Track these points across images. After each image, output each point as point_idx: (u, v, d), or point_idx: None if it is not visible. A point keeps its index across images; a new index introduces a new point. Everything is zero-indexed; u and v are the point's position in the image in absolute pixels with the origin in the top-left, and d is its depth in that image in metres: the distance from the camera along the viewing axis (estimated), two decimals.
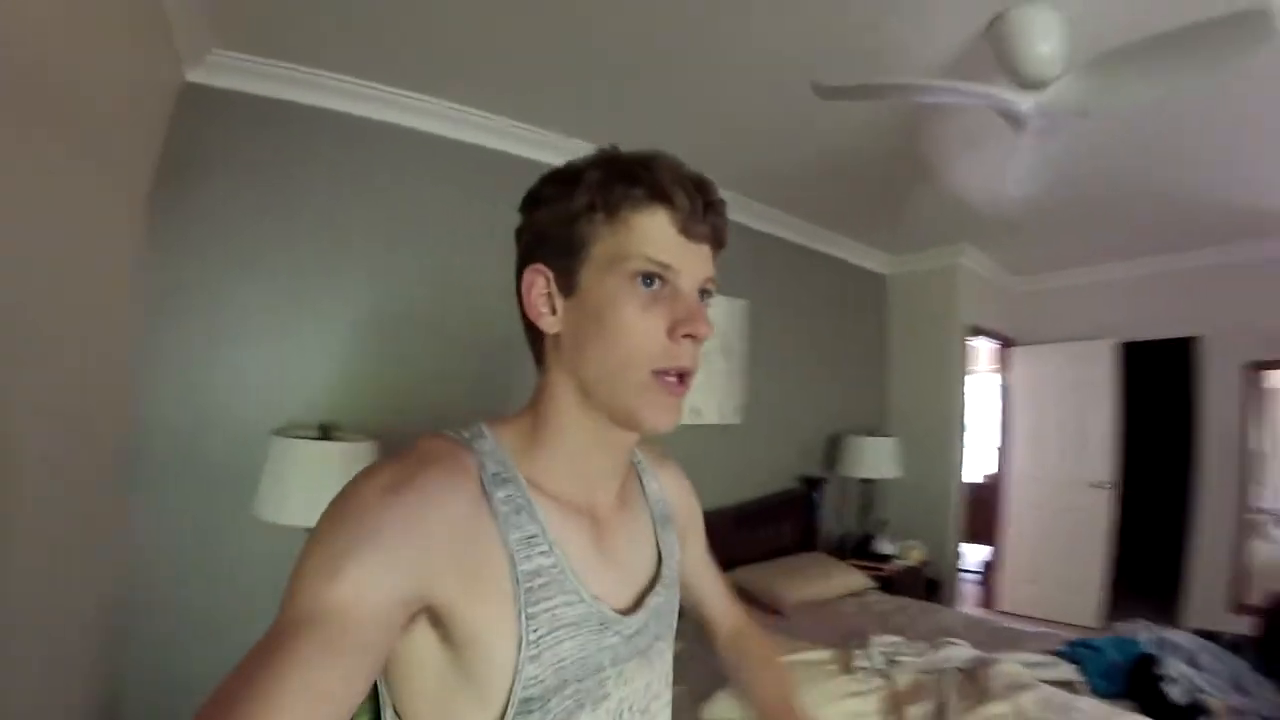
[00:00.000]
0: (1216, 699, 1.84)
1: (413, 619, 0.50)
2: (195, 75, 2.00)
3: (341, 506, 0.49)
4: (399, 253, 2.37)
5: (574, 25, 1.92)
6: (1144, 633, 2.27)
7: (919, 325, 4.29)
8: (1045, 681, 1.95)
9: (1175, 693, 1.86)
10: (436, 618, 0.51)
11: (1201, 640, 2.20)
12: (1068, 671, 2.06)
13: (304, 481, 1.74)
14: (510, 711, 0.52)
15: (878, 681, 1.93)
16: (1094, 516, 4.22)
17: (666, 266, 0.59)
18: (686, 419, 2.82)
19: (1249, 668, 2.06)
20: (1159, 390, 4.92)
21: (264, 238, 2.10)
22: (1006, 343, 4.66)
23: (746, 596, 2.78)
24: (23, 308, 1.11)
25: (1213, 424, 3.95)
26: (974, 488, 5.15)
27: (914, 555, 3.62)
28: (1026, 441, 4.59)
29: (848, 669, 1.98)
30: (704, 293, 0.63)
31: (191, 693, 1.87)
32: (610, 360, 0.59)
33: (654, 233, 0.59)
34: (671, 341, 0.59)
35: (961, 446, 4.13)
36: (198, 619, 1.91)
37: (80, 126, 1.28)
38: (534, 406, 0.65)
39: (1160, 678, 1.91)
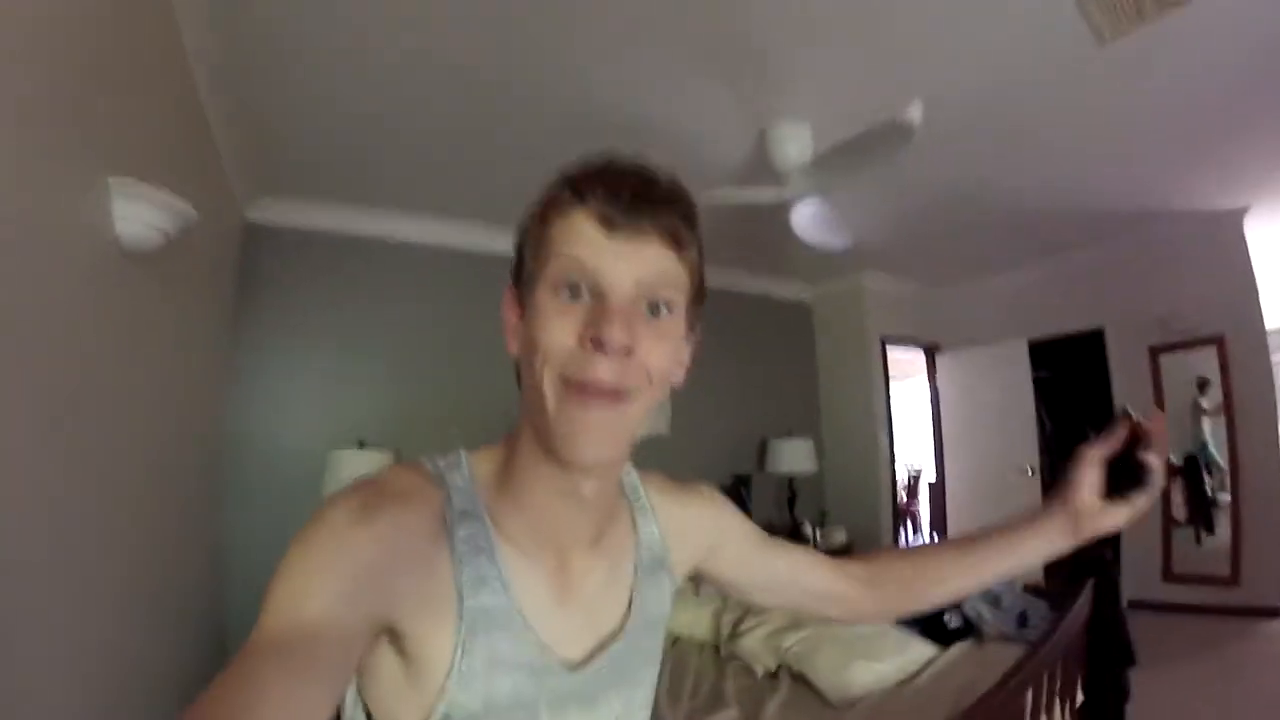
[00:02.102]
0: (993, 625, 2.39)
1: (376, 636, 0.53)
2: (252, 214, 3.04)
3: (313, 533, 0.50)
4: (408, 333, 3.41)
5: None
6: None
7: (839, 341, 5.00)
8: None
9: (951, 619, 2.44)
10: (393, 634, 0.54)
11: (1010, 585, 2.68)
12: None
13: (352, 476, 2.81)
14: None
15: (715, 605, 2.73)
16: (1028, 500, 4.70)
17: (581, 263, 0.53)
18: None
19: (1047, 607, 2.50)
20: (1076, 379, 5.27)
21: (317, 324, 3.17)
22: (932, 350, 5.26)
23: None
24: (150, 383, 1.88)
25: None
26: (931, 485, 5.72)
27: (835, 539, 4.26)
28: (961, 438, 5.12)
29: (695, 594, 2.80)
30: (655, 306, 0.55)
31: None
32: (528, 374, 0.55)
33: (572, 233, 0.53)
34: (580, 348, 0.52)
35: (889, 443, 4.74)
36: None
37: (188, 270, 2.13)
38: (510, 437, 0.63)
39: (950, 609, 2.45)
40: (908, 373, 6.19)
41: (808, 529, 4.30)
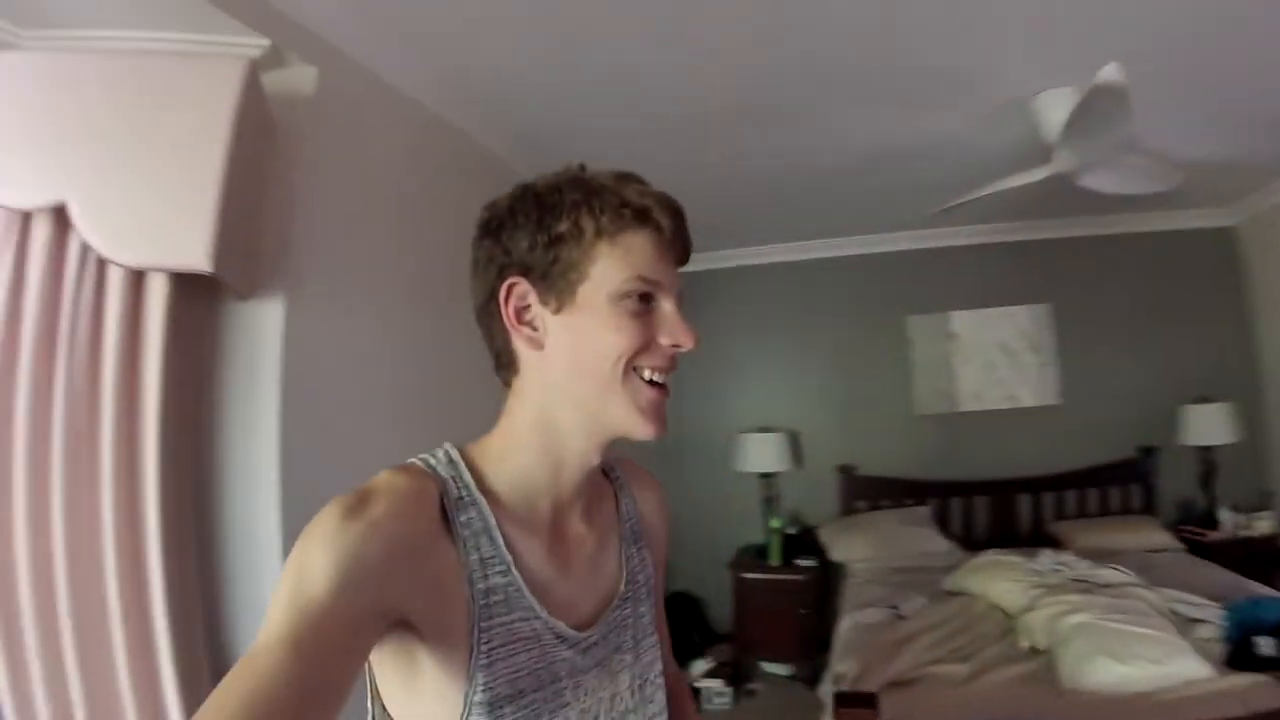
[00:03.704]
0: None
1: (388, 630, 0.54)
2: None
3: (312, 536, 0.52)
4: (799, 334, 4.53)
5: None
6: None
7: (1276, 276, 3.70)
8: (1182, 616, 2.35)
9: (1263, 645, 2.06)
10: (411, 629, 0.56)
11: None
12: (1208, 613, 2.36)
13: (756, 454, 4.03)
14: (467, 712, 0.56)
15: (1035, 577, 2.72)
16: None
17: (656, 284, 0.62)
18: (1003, 403, 4.28)
19: None
20: None
21: (730, 339, 4.46)
22: None
23: (1050, 541, 3.51)
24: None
25: None
26: None
27: (1259, 526, 3.43)
28: None
29: (1022, 567, 2.83)
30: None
31: None
32: (603, 369, 0.61)
33: (642, 252, 0.61)
34: (649, 349, 0.62)
35: None
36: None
37: None
38: (506, 426, 0.67)
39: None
40: None
41: (1225, 513, 3.57)
